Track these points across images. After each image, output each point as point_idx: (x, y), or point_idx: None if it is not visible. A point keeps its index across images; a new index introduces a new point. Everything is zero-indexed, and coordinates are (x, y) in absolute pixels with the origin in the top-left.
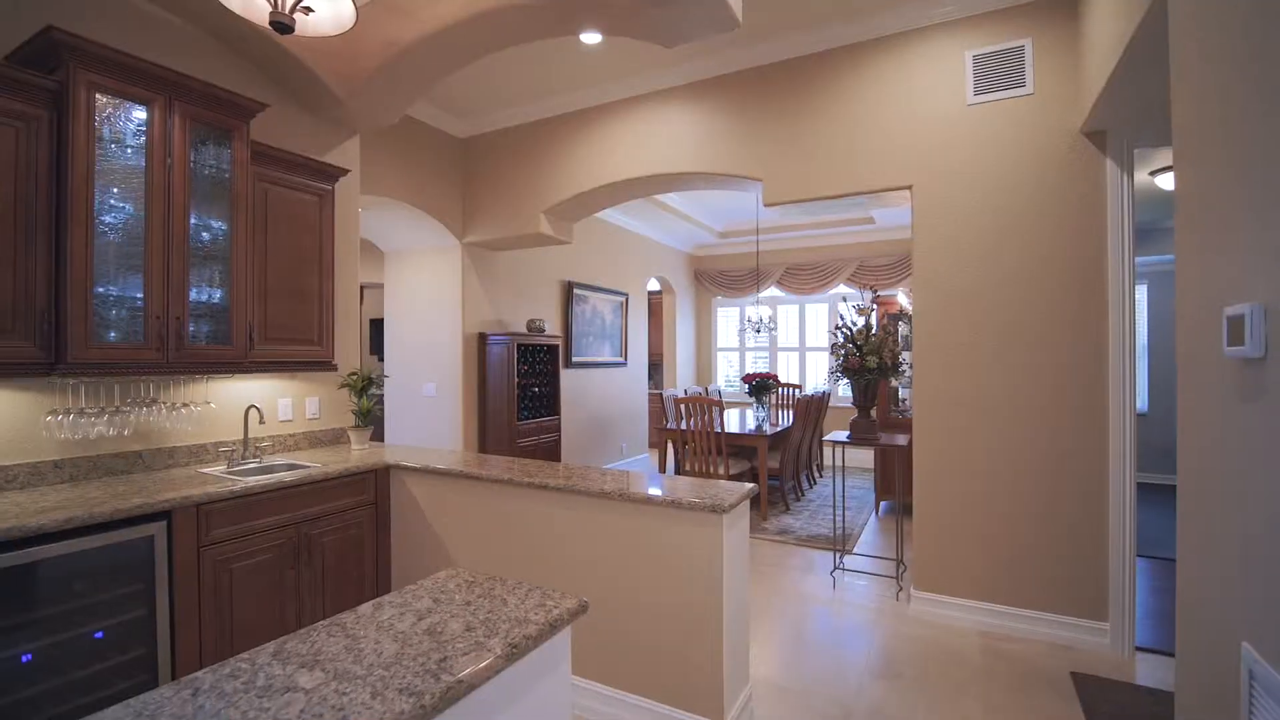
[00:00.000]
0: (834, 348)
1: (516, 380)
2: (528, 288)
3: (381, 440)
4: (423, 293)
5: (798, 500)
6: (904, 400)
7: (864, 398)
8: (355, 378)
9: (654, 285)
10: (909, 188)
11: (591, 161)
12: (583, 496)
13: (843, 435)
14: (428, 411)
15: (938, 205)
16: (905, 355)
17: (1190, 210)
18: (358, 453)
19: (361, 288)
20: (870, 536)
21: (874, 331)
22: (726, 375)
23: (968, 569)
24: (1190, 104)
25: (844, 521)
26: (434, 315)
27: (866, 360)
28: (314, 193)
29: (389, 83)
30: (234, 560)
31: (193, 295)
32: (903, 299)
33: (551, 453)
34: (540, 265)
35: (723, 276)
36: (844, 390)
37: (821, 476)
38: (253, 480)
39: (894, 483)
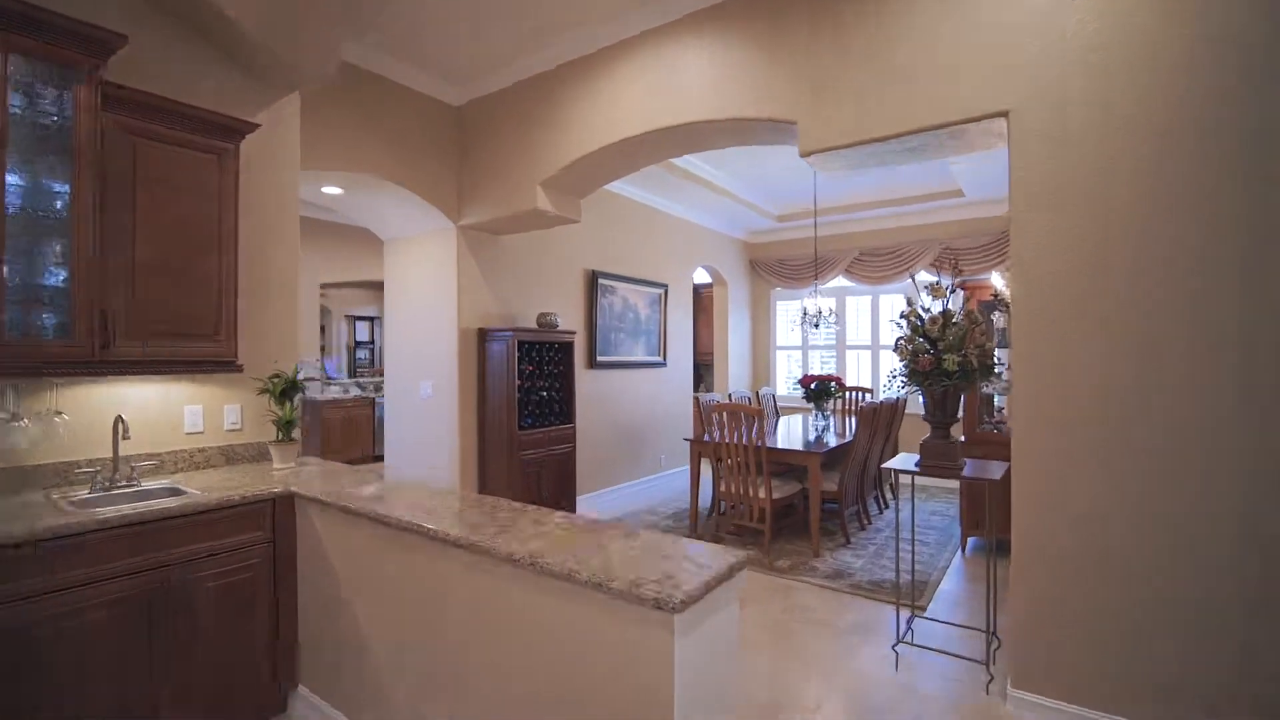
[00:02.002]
0: (899, 344)
1: (518, 382)
2: (542, 277)
3: (379, 448)
4: (417, 283)
5: (862, 530)
6: (1001, 410)
7: (940, 412)
8: (277, 381)
9: (703, 277)
10: (1004, 114)
11: (593, 119)
12: (485, 558)
13: (910, 460)
14: (425, 415)
15: (1048, 135)
16: (1001, 354)
17: None
18: (279, 473)
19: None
20: (953, 586)
21: (954, 319)
22: (789, 376)
23: (1095, 663)
24: None
25: (916, 564)
26: (429, 308)
27: (943, 360)
28: (208, 150)
29: (310, 12)
30: (48, 623)
31: (16, 276)
32: (998, 282)
33: (563, 468)
34: (557, 251)
35: (782, 266)
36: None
37: (895, 499)
38: (91, 514)
39: (985, 514)
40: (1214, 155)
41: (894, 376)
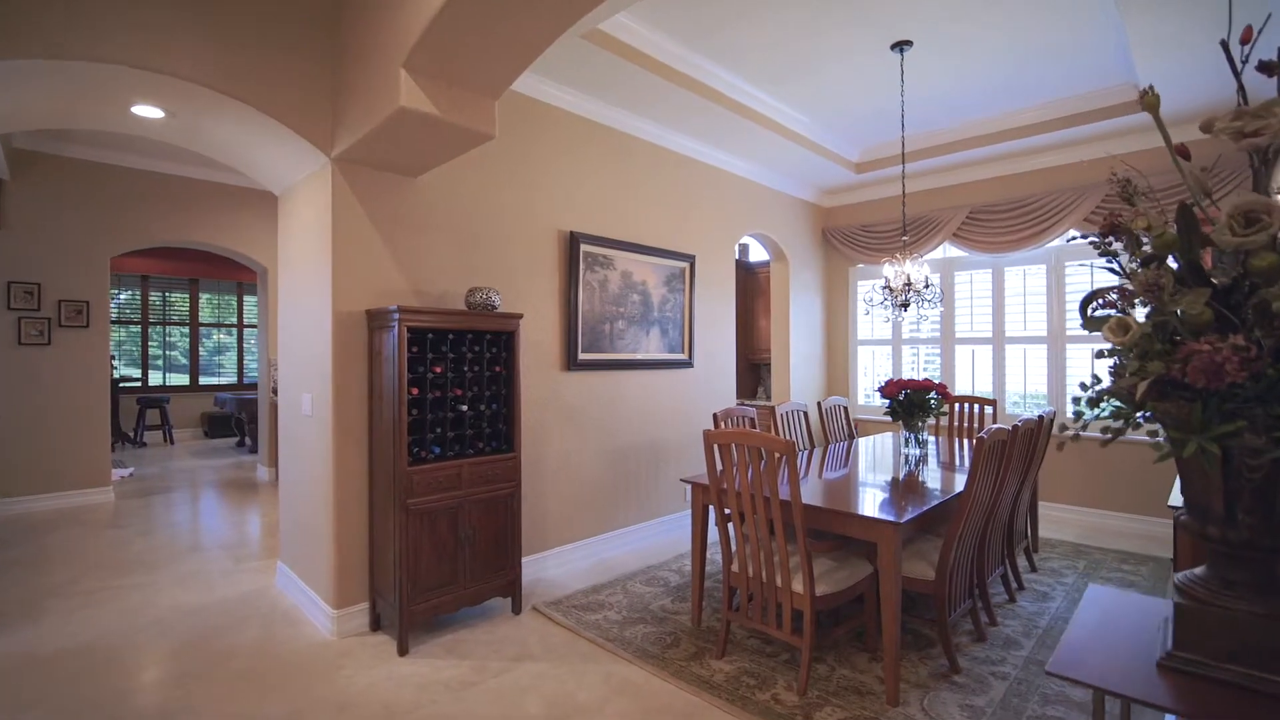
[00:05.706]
0: (1093, 309)
1: (410, 392)
2: (490, 241)
3: (273, 478)
4: (289, 249)
5: (980, 640)
6: None
7: (1260, 513)
8: None
9: (759, 253)
10: None
11: None
12: None
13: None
14: (307, 439)
15: None
16: None
17: None
18: None
19: None
20: None
21: None
22: (877, 379)
23: None
24: None
25: None
26: (305, 285)
27: None
28: None
29: None
30: None
31: None
32: None
33: (498, 518)
34: (517, 204)
35: (865, 234)
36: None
37: (1035, 571)
38: None
39: None
40: None
41: (1091, 404)
